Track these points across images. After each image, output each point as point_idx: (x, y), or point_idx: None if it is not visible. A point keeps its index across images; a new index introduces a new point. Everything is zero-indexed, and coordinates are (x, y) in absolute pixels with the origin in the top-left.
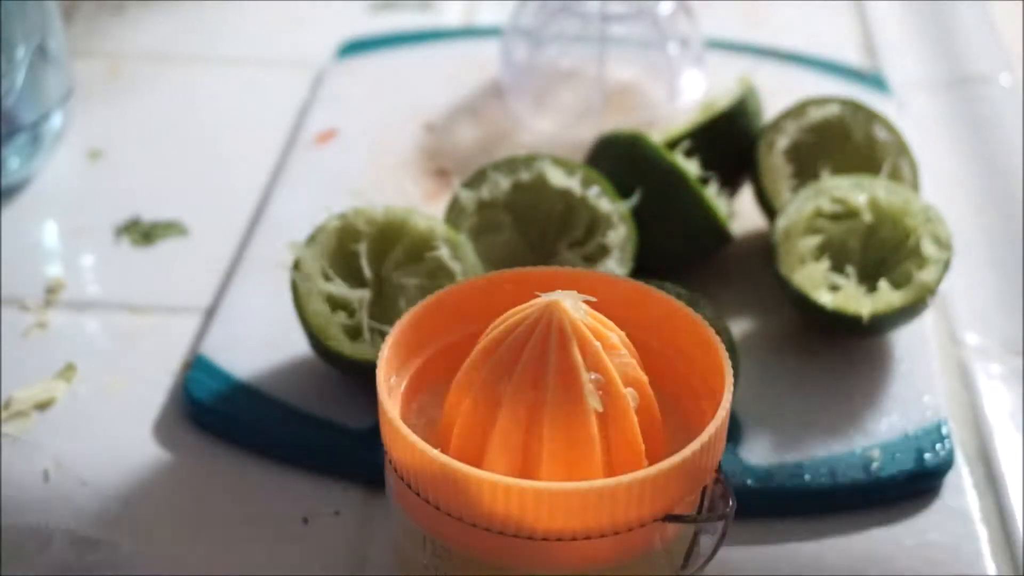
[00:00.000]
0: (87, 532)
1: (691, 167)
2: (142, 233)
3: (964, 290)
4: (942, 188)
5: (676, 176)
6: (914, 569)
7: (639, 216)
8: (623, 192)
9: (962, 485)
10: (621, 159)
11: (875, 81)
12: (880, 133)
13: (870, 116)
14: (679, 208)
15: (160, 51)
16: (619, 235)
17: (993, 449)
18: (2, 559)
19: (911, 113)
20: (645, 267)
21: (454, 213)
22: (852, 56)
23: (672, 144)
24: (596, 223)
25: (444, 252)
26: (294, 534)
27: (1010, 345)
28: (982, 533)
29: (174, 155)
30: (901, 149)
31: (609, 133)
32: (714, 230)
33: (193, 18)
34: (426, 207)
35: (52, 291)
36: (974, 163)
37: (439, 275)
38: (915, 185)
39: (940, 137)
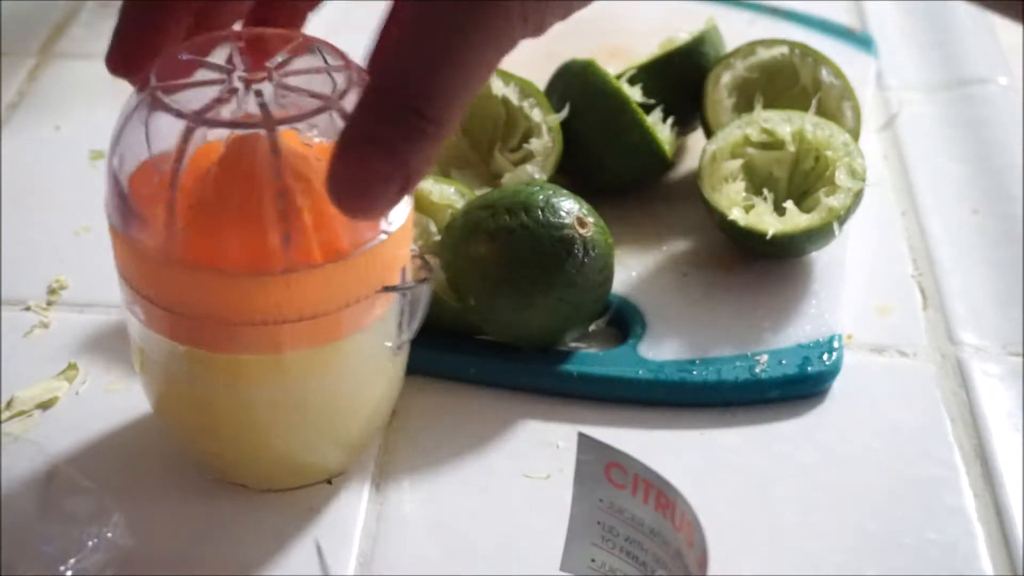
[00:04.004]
0: (88, 531)
1: (634, 93)
2: None
3: (962, 290)
4: (941, 188)
5: (619, 99)
6: (912, 568)
7: (589, 137)
8: (577, 112)
9: (960, 484)
10: (574, 83)
11: (863, 41)
12: (827, 77)
13: (818, 59)
14: (621, 129)
15: None
16: (543, 143)
17: (991, 448)
18: (3, 559)
19: (910, 114)
20: (596, 187)
21: None
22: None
23: (623, 75)
24: (530, 132)
25: None
26: (297, 532)
27: (1008, 345)
28: (979, 532)
29: None
30: (846, 93)
31: (568, 61)
32: (655, 155)
33: None
34: None
35: (54, 291)
36: (972, 164)
37: None
38: (856, 130)
39: (939, 138)
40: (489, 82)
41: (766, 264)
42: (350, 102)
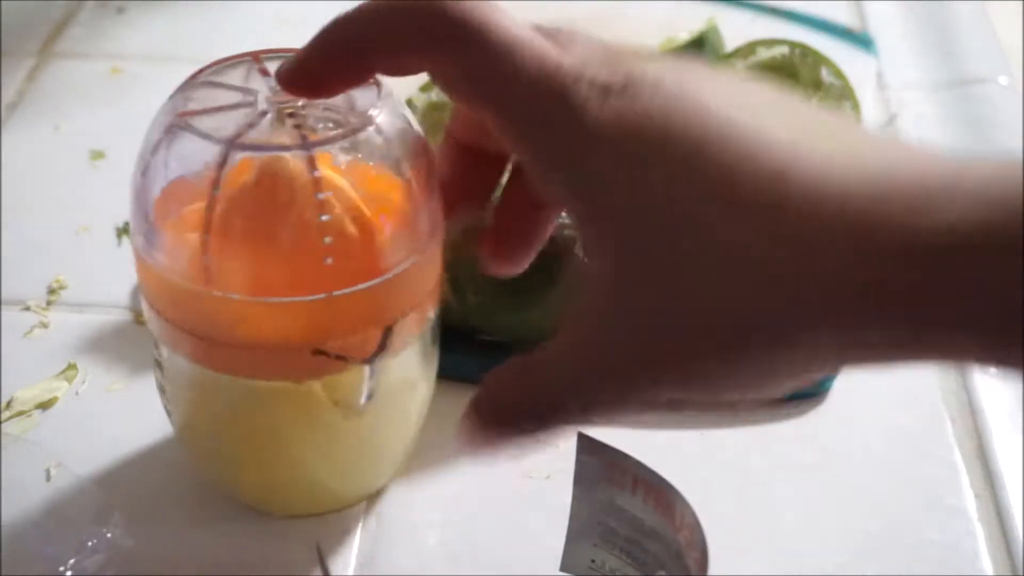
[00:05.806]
0: (88, 531)
1: None
2: None
3: None
4: None
5: None
6: (912, 568)
7: None
8: None
9: (960, 484)
10: None
11: (863, 41)
12: (827, 77)
13: (818, 59)
14: None
15: (160, 52)
16: None
17: (991, 448)
18: (3, 559)
19: (910, 114)
20: None
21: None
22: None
23: None
24: None
25: None
26: (296, 532)
27: None
28: (979, 532)
29: None
30: (846, 93)
31: None
32: None
33: (193, 19)
34: None
35: (54, 291)
36: None
37: None
38: None
39: (939, 138)
40: None
41: None
42: (383, 120)
